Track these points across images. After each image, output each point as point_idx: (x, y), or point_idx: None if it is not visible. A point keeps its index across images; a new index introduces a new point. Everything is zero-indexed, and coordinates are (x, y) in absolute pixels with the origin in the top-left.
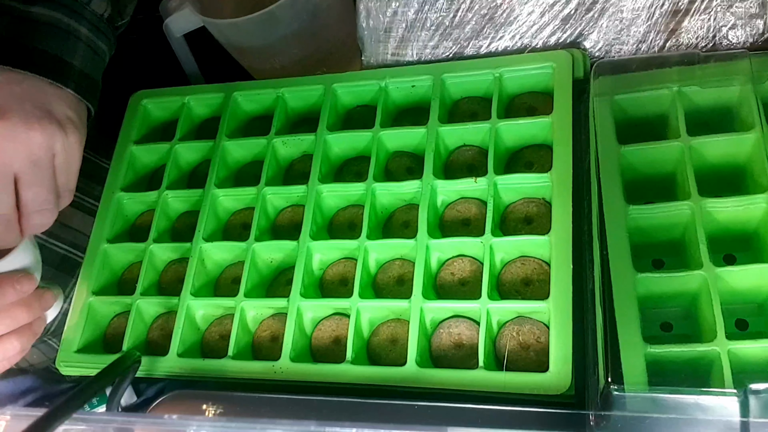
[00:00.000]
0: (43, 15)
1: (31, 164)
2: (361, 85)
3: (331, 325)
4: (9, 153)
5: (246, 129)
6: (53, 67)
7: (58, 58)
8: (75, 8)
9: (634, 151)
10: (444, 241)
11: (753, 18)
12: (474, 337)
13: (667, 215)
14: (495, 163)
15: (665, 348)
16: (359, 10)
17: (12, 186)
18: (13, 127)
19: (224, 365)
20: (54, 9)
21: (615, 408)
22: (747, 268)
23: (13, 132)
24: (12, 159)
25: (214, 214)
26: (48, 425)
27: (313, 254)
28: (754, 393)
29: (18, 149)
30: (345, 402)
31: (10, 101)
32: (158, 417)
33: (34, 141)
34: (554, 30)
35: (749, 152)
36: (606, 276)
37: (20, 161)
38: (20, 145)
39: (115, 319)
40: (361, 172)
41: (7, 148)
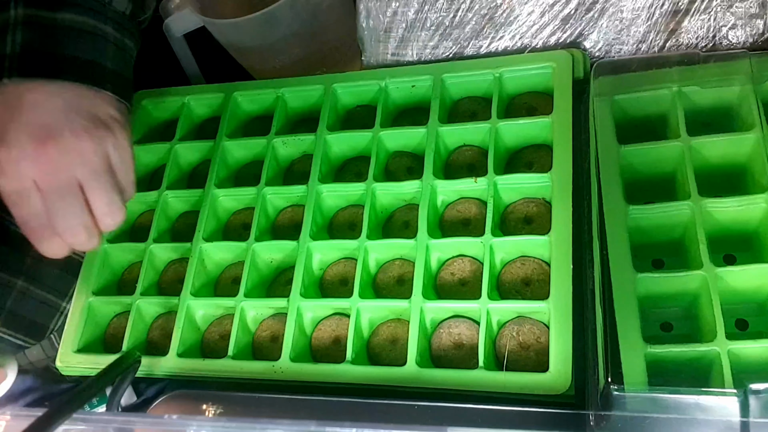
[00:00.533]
0: (70, 20)
1: (91, 172)
2: (361, 85)
3: (331, 325)
4: (68, 166)
5: (246, 129)
6: (89, 72)
7: (91, 62)
8: (98, 9)
9: (634, 151)
10: (444, 241)
11: (753, 18)
12: (474, 337)
13: (667, 215)
14: (495, 163)
15: (665, 348)
16: (359, 10)
17: (80, 195)
18: (65, 142)
19: (224, 365)
20: (79, 13)
21: (615, 408)
22: (747, 268)
23: (66, 147)
24: (72, 171)
25: (214, 214)
26: (48, 425)
27: (313, 254)
28: (754, 393)
29: (74, 161)
30: (345, 402)
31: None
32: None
33: (87, 150)
34: (554, 30)
35: (749, 152)
36: (606, 276)
37: (80, 171)
38: (75, 156)
39: (115, 319)
40: (361, 172)
41: (64, 162)
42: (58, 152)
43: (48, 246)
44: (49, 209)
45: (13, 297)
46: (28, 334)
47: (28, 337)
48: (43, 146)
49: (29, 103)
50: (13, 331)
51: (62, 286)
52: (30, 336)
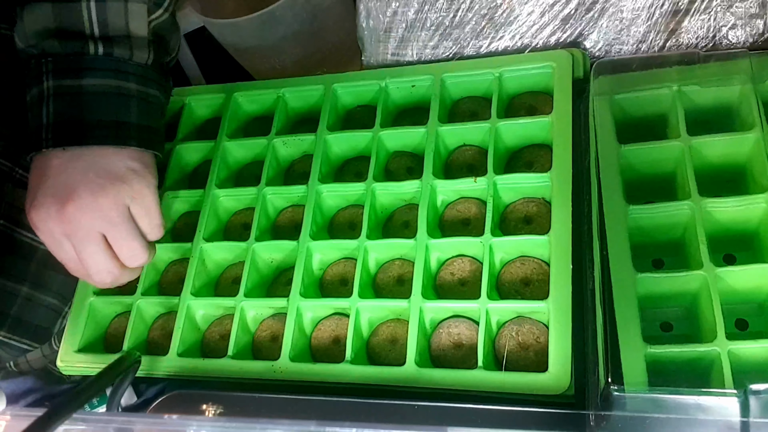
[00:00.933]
0: (93, 85)
1: (110, 225)
2: (361, 85)
3: (330, 325)
4: (87, 222)
5: (246, 129)
6: (112, 133)
7: (115, 122)
8: (119, 68)
9: (634, 150)
10: (444, 241)
11: (753, 18)
12: (473, 337)
13: (667, 215)
14: (495, 163)
15: (665, 348)
16: (359, 10)
17: (101, 244)
18: (81, 201)
19: (224, 365)
20: (102, 76)
21: (615, 408)
22: (747, 268)
23: (83, 205)
24: (93, 227)
25: (214, 214)
26: (48, 425)
27: (313, 254)
28: (754, 393)
29: (94, 217)
30: (345, 402)
31: (75, 178)
32: (158, 417)
33: (104, 206)
34: (554, 30)
35: (749, 152)
36: (606, 276)
37: (101, 226)
38: (94, 213)
39: (115, 319)
40: (361, 172)
41: (84, 218)
42: (77, 210)
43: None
44: (79, 256)
45: (18, 303)
46: (33, 339)
47: (32, 341)
48: (63, 206)
49: (54, 168)
50: (18, 336)
51: (67, 291)
52: (34, 340)
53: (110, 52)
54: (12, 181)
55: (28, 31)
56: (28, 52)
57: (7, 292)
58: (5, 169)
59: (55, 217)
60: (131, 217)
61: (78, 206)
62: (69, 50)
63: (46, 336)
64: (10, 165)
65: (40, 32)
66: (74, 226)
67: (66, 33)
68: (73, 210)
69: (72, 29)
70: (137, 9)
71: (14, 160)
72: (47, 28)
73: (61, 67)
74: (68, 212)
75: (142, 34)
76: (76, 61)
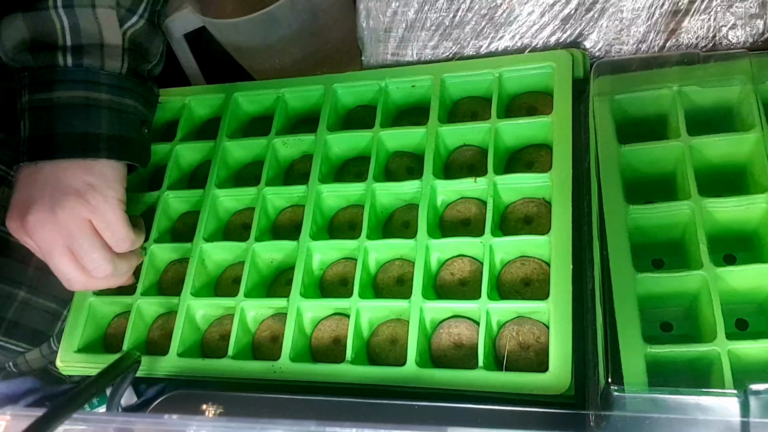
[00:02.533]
0: (63, 98)
1: (70, 237)
2: (361, 85)
3: (330, 325)
4: (51, 236)
5: (246, 129)
6: (79, 146)
7: (83, 134)
8: (90, 78)
9: (634, 151)
10: (444, 241)
11: (753, 18)
12: (474, 337)
13: (667, 215)
14: (495, 163)
15: (665, 348)
16: (359, 10)
17: (69, 256)
18: (40, 216)
19: (224, 365)
20: (71, 88)
21: (615, 408)
22: (747, 268)
23: (42, 219)
24: (56, 240)
25: (214, 214)
26: (48, 425)
27: (313, 254)
28: (755, 393)
29: (54, 231)
30: (345, 402)
31: (34, 192)
32: (158, 417)
33: (62, 219)
34: (554, 30)
35: (749, 152)
36: (606, 276)
37: (63, 239)
38: (53, 226)
39: (115, 319)
40: (361, 172)
41: (46, 232)
42: (36, 223)
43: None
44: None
45: (15, 307)
46: (29, 342)
47: (28, 344)
48: (24, 219)
49: (21, 180)
50: (15, 340)
51: (65, 294)
52: (30, 343)
53: (80, 63)
54: (8, 185)
55: (7, 46)
56: (11, 66)
57: (4, 296)
58: (1, 174)
59: (20, 228)
60: (94, 229)
61: (36, 219)
62: (41, 63)
63: (41, 340)
64: (5, 169)
65: (17, 46)
66: (37, 238)
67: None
68: (34, 222)
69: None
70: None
71: (9, 164)
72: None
73: (35, 80)
74: (29, 225)
75: (116, 42)
76: (48, 74)
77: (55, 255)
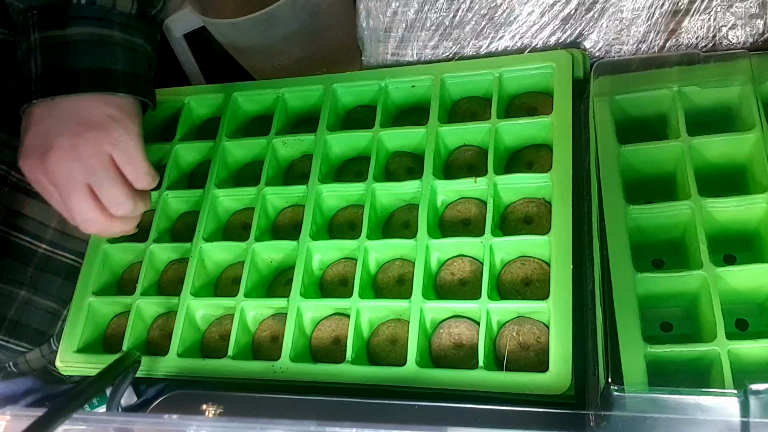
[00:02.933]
0: (78, 34)
1: (91, 172)
2: (361, 85)
3: (331, 325)
4: (71, 172)
5: (246, 129)
6: (98, 80)
7: (101, 69)
8: (103, 16)
9: (634, 151)
10: (444, 241)
11: (753, 18)
12: (474, 337)
13: (667, 215)
14: (495, 163)
15: (665, 348)
16: (359, 10)
17: (88, 194)
18: (62, 151)
19: (224, 365)
20: (85, 25)
21: (615, 408)
22: (747, 268)
23: (63, 154)
24: (75, 175)
25: (214, 214)
26: (48, 425)
27: (313, 254)
28: (754, 393)
29: (75, 166)
30: (345, 402)
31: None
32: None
33: (84, 153)
34: (554, 30)
35: (749, 152)
36: (606, 276)
37: (83, 174)
38: (74, 161)
39: (115, 319)
40: (361, 172)
41: (65, 167)
42: (58, 159)
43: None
44: (65, 204)
45: (16, 307)
46: (30, 342)
47: (29, 344)
48: (45, 155)
49: (36, 116)
50: (16, 339)
51: (65, 294)
52: (31, 343)
53: (93, 1)
54: (8, 185)
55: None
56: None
57: (4, 295)
58: (1, 173)
59: (39, 166)
60: (114, 165)
61: (58, 155)
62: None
63: (42, 339)
64: (6, 169)
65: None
66: (56, 175)
67: None
68: (54, 159)
69: None
70: None
71: (10, 164)
72: None
73: (46, 18)
74: (50, 161)
75: None
76: (60, 11)
77: (73, 192)
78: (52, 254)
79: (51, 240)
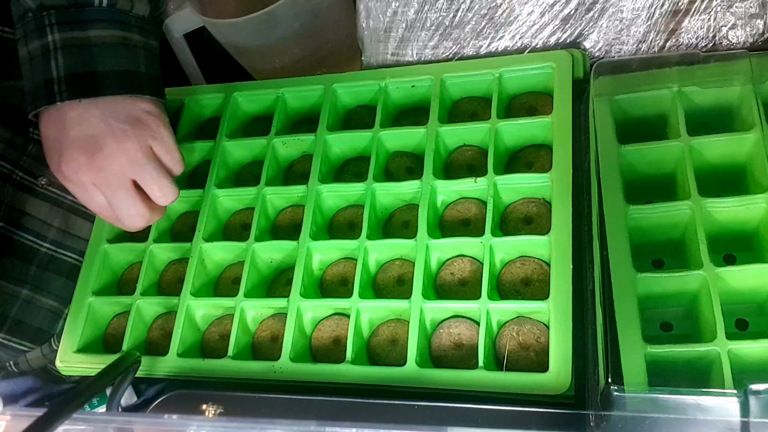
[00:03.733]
0: (101, 36)
1: (137, 167)
2: (361, 85)
3: (331, 325)
4: (119, 170)
5: (246, 129)
6: (125, 83)
7: (127, 71)
8: (122, 19)
9: (634, 151)
10: (444, 241)
11: (753, 18)
12: (474, 337)
13: (667, 215)
14: (495, 163)
15: (665, 348)
16: (359, 10)
17: (131, 189)
18: (109, 149)
19: (224, 365)
20: (107, 27)
21: (615, 408)
22: (747, 268)
23: (111, 152)
24: (123, 172)
25: (214, 214)
26: (48, 425)
27: (313, 254)
28: (754, 393)
29: (123, 163)
30: (345, 402)
31: (97, 126)
32: (158, 417)
33: (130, 149)
34: (554, 30)
35: (749, 152)
36: (606, 276)
37: (130, 170)
38: (122, 158)
39: (115, 319)
40: (361, 172)
41: (112, 165)
42: (106, 158)
43: (124, 227)
44: (110, 203)
45: (18, 306)
46: (32, 341)
47: (31, 343)
48: (92, 156)
49: (72, 119)
50: (18, 338)
51: (67, 293)
52: (33, 342)
53: (113, 4)
54: (12, 184)
55: None
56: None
57: (7, 294)
58: (5, 172)
59: (85, 168)
60: (155, 157)
61: (106, 155)
62: (72, 1)
63: (44, 338)
64: (10, 167)
65: None
66: (105, 174)
67: None
68: (102, 159)
69: None
70: None
71: (14, 163)
72: None
73: (66, 19)
74: (98, 162)
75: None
76: (80, 13)
77: (121, 190)
78: (54, 253)
79: (54, 239)
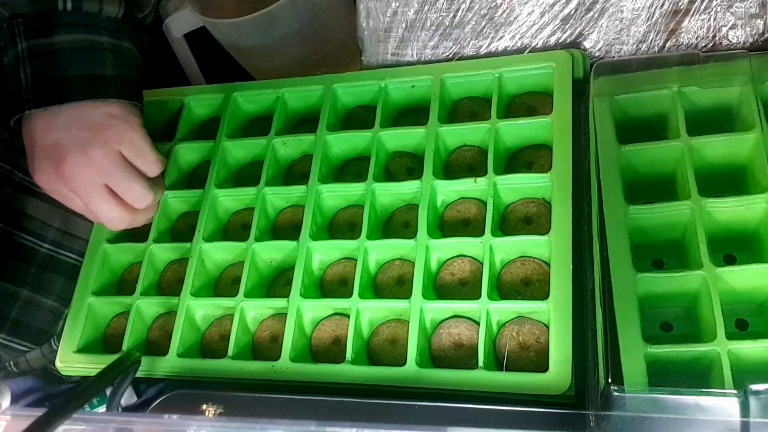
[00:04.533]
0: (66, 42)
1: (107, 174)
2: (361, 85)
3: (330, 326)
4: (88, 177)
5: (246, 129)
6: (89, 88)
7: (91, 76)
8: (90, 22)
9: (634, 151)
10: (444, 241)
11: (753, 18)
12: (474, 337)
13: (667, 215)
14: (495, 163)
15: (665, 348)
16: (359, 10)
17: (108, 195)
18: (74, 159)
19: (224, 365)
20: (73, 32)
21: (615, 408)
22: (747, 268)
23: (77, 162)
24: (93, 179)
25: (214, 214)
26: (48, 425)
27: (313, 254)
28: (754, 393)
29: (90, 171)
30: (345, 402)
31: (60, 136)
32: (158, 417)
33: (96, 157)
34: (554, 30)
35: (749, 152)
36: (606, 276)
37: (100, 177)
38: (89, 166)
39: (115, 319)
40: (361, 172)
41: (83, 175)
42: (72, 167)
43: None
44: (88, 208)
45: (18, 306)
46: (32, 341)
47: (31, 343)
48: (58, 167)
49: (39, 129)
50: (18, 338)
51: (68, 293)
52: (33, 342)
53: (79, 7)
54: (11, 184)
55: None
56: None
57: (7, 294)
58: (5, 172)
59: (55, 177)
60: (126, 161)
61: (71, 164)
62: (38, 8)
63: (44, 339)
64: (10, 168)
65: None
66: (75, 183)
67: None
68: (69, 168)
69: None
70: None
71: (13, 163)
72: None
73: (32, 26)
74: (65, 171)
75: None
76: (46, 19)
77: (95, 196)
78: (54, 254)
79: (54, 239)
